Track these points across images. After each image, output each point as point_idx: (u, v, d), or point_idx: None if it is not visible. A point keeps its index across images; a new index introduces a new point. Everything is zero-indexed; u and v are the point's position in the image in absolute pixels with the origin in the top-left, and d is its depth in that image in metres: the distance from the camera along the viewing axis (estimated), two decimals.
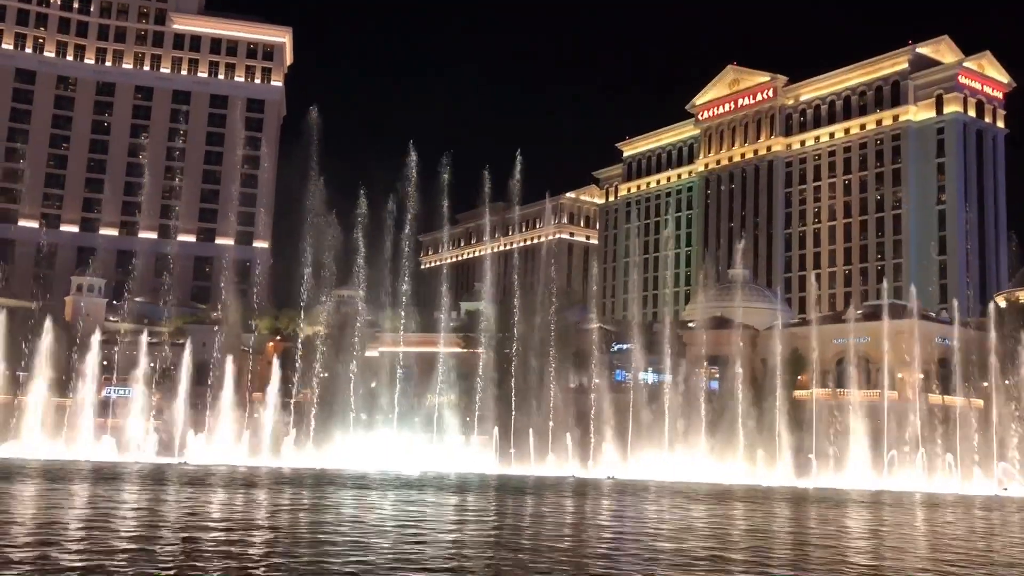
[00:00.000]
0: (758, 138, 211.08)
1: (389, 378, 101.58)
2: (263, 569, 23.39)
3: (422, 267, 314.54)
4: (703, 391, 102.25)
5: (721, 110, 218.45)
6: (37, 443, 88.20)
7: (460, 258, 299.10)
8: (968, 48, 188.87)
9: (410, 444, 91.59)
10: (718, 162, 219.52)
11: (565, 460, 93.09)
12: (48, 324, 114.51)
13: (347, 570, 23.02)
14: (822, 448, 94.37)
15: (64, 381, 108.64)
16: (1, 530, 30.50)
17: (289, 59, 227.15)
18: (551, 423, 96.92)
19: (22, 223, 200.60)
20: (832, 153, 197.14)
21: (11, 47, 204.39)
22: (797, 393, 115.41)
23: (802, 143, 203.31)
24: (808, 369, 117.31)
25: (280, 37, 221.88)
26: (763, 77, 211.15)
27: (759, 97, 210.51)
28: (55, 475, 58.92)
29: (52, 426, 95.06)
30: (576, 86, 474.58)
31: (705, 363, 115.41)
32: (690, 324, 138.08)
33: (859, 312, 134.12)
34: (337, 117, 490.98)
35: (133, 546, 26.89)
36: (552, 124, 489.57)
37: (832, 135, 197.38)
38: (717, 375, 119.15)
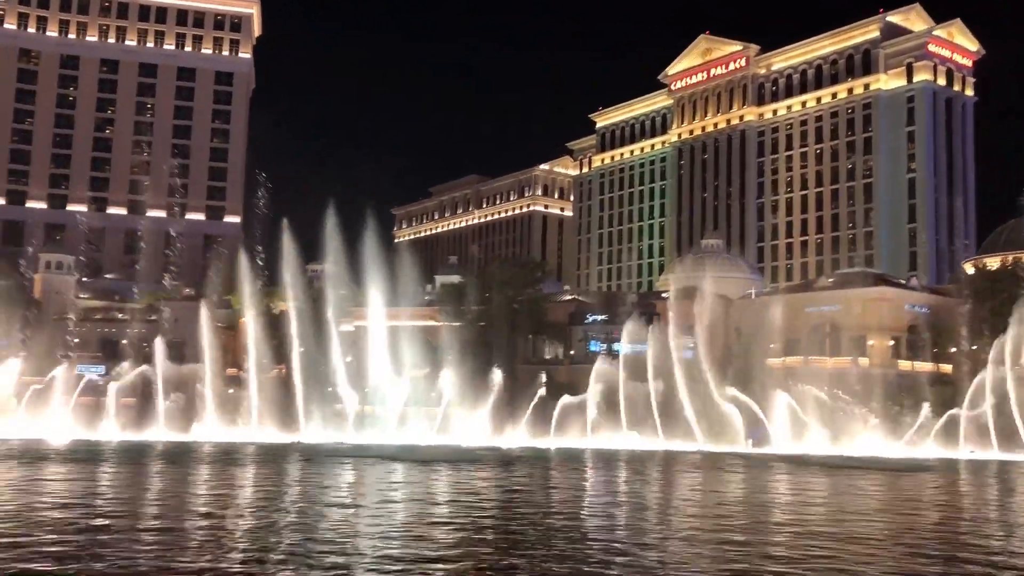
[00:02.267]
0: (731, 108, 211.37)
1: (365, 352, 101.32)
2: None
3: (396, 240, 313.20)
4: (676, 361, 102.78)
5: (694, 80, 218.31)
6: (16, 424, 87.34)
7: (435, 231, 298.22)
8: (938, 16, 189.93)
9: (390, 418, 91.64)
10: (691, 132, 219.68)
11: (542, 432, 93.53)
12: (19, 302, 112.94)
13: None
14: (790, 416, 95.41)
15: (36, 360, 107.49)
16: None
17: (258, 30, 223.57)
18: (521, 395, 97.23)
19: None
20: (804, 122, 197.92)
21: None
22: (769, 361, 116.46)
23: (774, 112, 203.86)
24: (780, 338, 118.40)
25: (248, 8, 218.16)
26: (735, 46, 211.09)
27: (732, 67, 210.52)
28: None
29: (29, 406, 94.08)
30: (552, 56, 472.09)
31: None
32: (663, 295, 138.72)
33: (830, 280, 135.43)
34: (309, 88, 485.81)
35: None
36: (527, 95, 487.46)
37: (804, 104, 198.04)
38: (692, 345, 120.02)
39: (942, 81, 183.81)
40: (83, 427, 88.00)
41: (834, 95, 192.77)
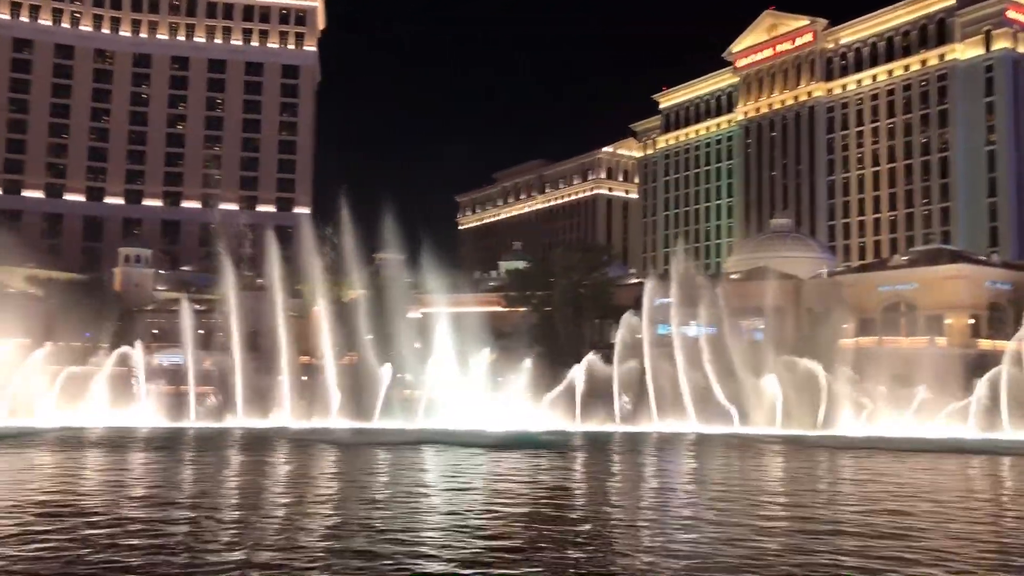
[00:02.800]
0: (798, 84, 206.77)
1: (431, 339, 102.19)
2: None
3: (461, 227, 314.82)
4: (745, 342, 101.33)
5: (759, 56, 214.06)
6: (99, 411, 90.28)
7: (499, 217, 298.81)
8: None
9: (454, 404, 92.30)
10: (758, 110, 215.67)
11: (607, 417, 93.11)
12: (101, 294, 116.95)
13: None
14: (855, 397, 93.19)
15: (115, 350, 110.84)
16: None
17: (321, 23, 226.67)
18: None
19: (68, 197, 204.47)
20: (875, 97, 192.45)
21: (49, 22, 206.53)
22: (842, 342, 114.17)
23: (844, 87, 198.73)
24: (853, 318, 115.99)
25: (312, 1, 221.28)
26: (802, 21, 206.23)
27: (798, 42, 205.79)
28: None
29: (109, 394, 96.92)
30: (614, 38, 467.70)
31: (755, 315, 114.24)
32: (732, 276, 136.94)
33: (905, 258, 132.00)
34: (372, 79, 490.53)
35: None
36: (590, 78, 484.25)
37: (875, 78, 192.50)
38: (761, 327, 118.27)
39: (1023, 48, 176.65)
40: (163, 415, 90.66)
41: (907, 67, 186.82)
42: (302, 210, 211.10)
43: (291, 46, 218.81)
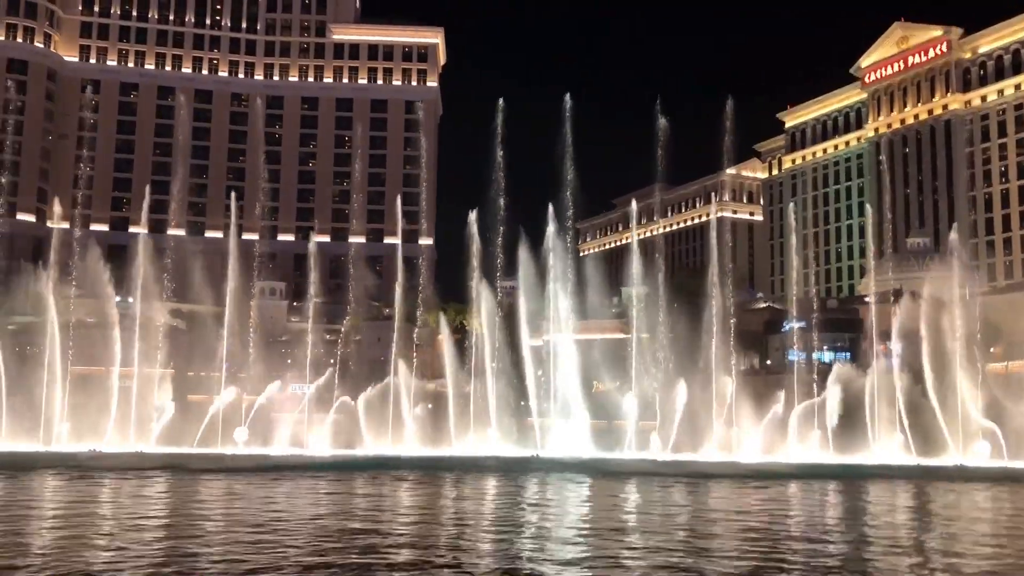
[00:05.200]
0: (932, 97, 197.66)
1: (554, 366, 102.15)
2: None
3: (581, 254, 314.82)
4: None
5: (889, 71, 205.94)
6: (246, 441, 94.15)
7: (618, 243, 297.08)
8: None
9: (579, 432, 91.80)
10: (889, 126, 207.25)
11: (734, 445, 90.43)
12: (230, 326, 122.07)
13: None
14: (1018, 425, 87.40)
15: (252, 380, 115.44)
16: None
17: (442, 59, 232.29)
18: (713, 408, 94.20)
19: (208, 234, 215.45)
20: (1019, 106, 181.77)
21: (190, 70, 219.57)
22: (992, 367, 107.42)
23: (983, 98, 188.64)
24: (1003, 340, 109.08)
25: (433, 38, 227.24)
26: (935, 31, 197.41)
27: (931, 53, 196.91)
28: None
29: (250, 423, 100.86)
30: (734, 57, 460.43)
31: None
32: (867, 299, 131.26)
33: None
34: (492, 108, 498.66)
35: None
36: (709, 99, 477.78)
37: (1018, 87, 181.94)
38: (900, 352, 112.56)
39: None
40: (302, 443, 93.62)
41: None
42: (426, 241, 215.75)
43: (414, 82, 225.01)
